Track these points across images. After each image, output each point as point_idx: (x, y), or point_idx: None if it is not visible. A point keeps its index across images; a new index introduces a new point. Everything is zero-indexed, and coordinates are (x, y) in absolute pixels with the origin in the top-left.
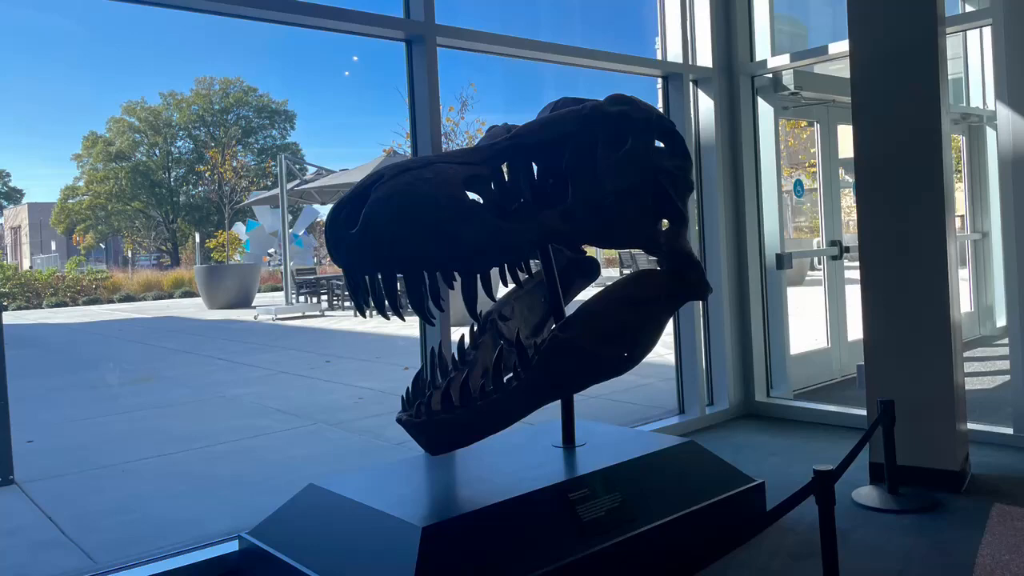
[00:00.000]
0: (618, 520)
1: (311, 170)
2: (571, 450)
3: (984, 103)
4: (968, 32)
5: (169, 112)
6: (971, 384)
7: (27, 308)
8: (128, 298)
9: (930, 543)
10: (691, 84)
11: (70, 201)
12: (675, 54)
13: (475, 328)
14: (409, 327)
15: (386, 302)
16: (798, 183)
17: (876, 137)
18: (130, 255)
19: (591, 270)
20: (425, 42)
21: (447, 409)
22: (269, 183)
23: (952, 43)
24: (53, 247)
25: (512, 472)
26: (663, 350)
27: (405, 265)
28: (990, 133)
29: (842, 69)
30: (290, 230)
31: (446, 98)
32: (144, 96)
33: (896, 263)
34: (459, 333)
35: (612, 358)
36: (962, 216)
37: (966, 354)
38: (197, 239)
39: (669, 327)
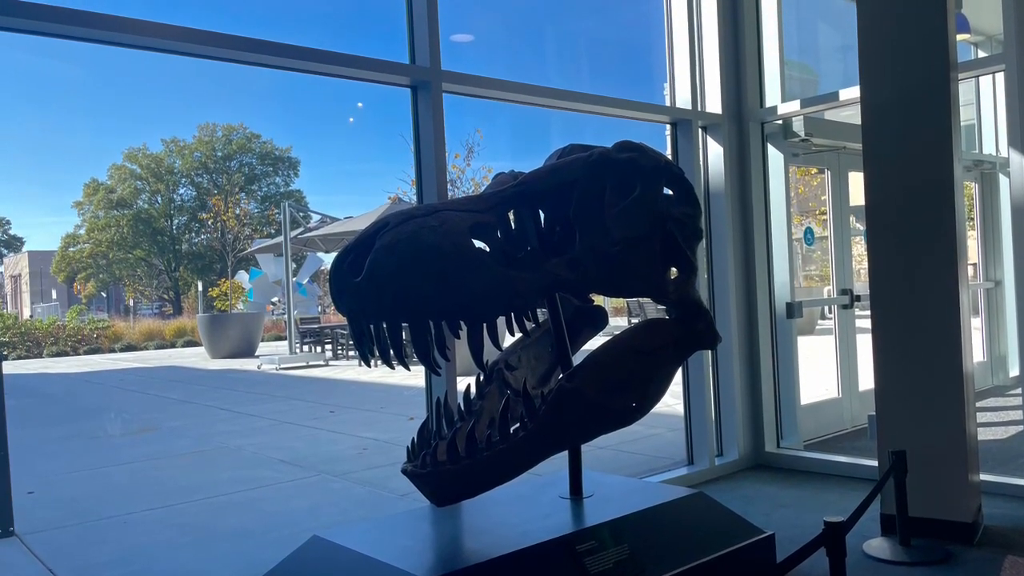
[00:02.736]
0: (626, 573)
1: (315, 218)
2: (579, 501)
3: (997, 150)
4: (980, 78)
5: (171, 159)
6: (984, 434)
7: (27, 357)
8: (130, 347)
9: None
10: (700, 130)
11: (71, 249)
12: (684, 100)
13: (481, 378)
14: (414, 377)
15: (391, 351)
16: (808, 231)
17: (887, 184)
18: (132, 304)
19: (599, 319)
20: (431, 88)
21: (453, 460)
22: (272, 231)
23: (964, 89)
24: (54, 296)
25: (519, 523)
26: (671, 400)
27: (410, 314)
28: (1003, 180)
29: (853, 115)
30: (294, 279)
31: (452, 145)
32: (146, 143)
33: (908, 312)
34: (465, 383)
35: (620, 408)
36: (975, 264)
37: (979, 404)
38: (199, 288)
39: (678, 377)
